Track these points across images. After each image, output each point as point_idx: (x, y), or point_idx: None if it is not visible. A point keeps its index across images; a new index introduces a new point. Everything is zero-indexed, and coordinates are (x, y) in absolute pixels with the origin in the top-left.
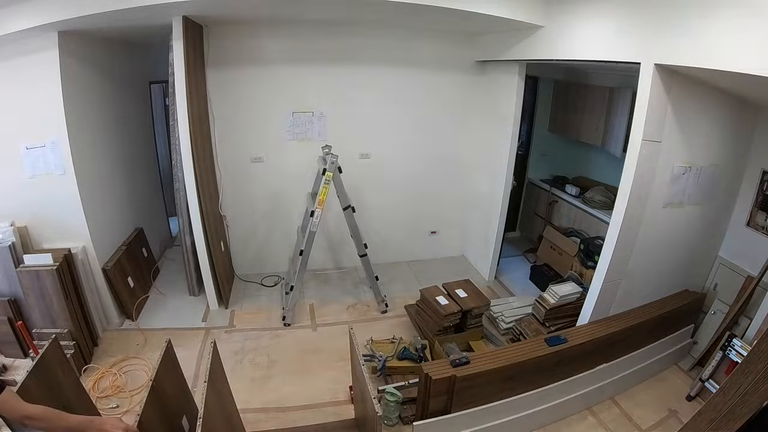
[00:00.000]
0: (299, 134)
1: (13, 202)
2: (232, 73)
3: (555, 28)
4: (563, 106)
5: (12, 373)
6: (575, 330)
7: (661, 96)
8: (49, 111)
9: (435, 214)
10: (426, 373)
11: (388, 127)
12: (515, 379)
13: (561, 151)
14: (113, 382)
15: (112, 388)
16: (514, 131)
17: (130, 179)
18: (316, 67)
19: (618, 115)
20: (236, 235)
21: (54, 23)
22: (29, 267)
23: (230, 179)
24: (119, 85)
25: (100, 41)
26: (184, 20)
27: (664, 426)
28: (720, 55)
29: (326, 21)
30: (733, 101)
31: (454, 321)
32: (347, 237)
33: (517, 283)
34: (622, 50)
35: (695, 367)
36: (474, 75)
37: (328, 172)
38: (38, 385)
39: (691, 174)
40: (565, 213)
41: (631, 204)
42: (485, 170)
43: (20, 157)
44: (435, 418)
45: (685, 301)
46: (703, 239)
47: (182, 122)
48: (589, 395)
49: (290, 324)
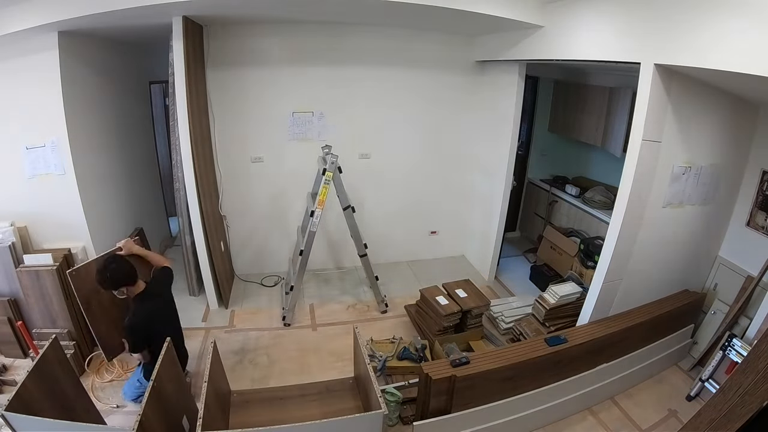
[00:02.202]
0: (299, 134)
1: (13, 202)
2: (232, 73)
3: (555, 28)
4: (563, 106)
5: (12, 373)
6: (575, 330)
7: (661, 96)
8: (49, 111)
9: (435, 214)
10: (426, 373)
11: (388, 127)
12: (515, 379)
13: (561, 151)
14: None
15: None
16: (514, 131)
17: (130, 179)
18: (316, 67)
19: (618, 115)
20: (236, 235)
21: (54, 23)
22: (29, 267)
23: (230, 179)
24: (119, 85)
25: (100, 41)
26: (184, 20)
27: (664, 426)
28: (720, 55)
29: (326, 21)
30: (733, 101)
31: (454, 321)
32: (347, 237)
33: (517, 283)
34: (622, 50)
35: (695, 367)
36: (474, 75)
37: (328, 172)
38: (38, 385)
39: (691, 174)
40: (565, 213)
41: (631, 204)
42: (485, 170)
43: (20, 157)
44: (435, 418)
45: (685, 301)
46: (703, 239)
47: (182, 122)
48: (589, 395)
49: (290, 324)
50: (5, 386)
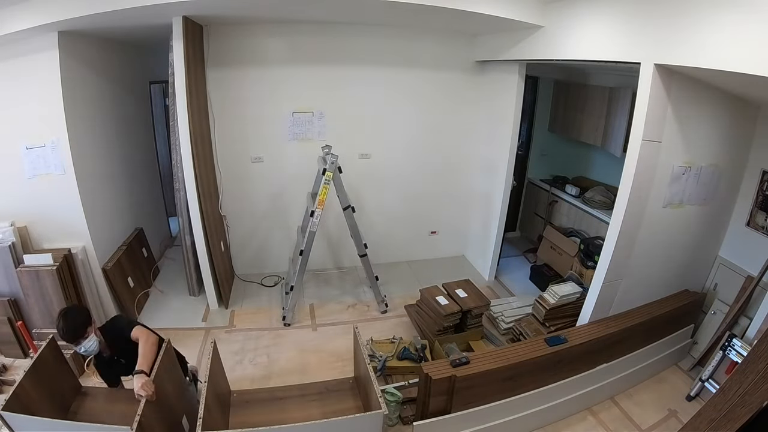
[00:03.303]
0: (299, 134)
1: (13, 202)
2: (232, 73)
3: (555, 28)
4: (563, 106)
5: (12, 373)
6: (575, 330)
7: (661, 96)
8: (49, 111)
9: (435, 214)
10: (426, 373)
11: (389, 127)
12: (515, 379)
13: (561, 151)
14: None
15: None
16: (514, 131)
17: (130, 179)
18: (316, 67)
19: (618, 115)
20: (236, 235)
21: (54, 23)
22: (29, 267)
23: (230, 179)
24: (119, 85)
25: (100, 41)
26: (184, 20)
27: (664, 426)
28: (719, 55)
29: (326, 21)
30: (733, 101)
31: (454, 321)
32: (347, 237)
33: (517, 283)
34: (622, 50)
35: (695, 367)
36: (474, 75)
37: (328, 172)
38: (36, 384)
39: (691, 174)
40: (565, 213)
41: (631, 204)
42: (485, 170)
43: (20, 157)
44: (435, 418)
45: (685, 301)
46: (703, 239)
47: (182, 122)
48: (589, 395)
49: (290, 324)
50: (5, 386)
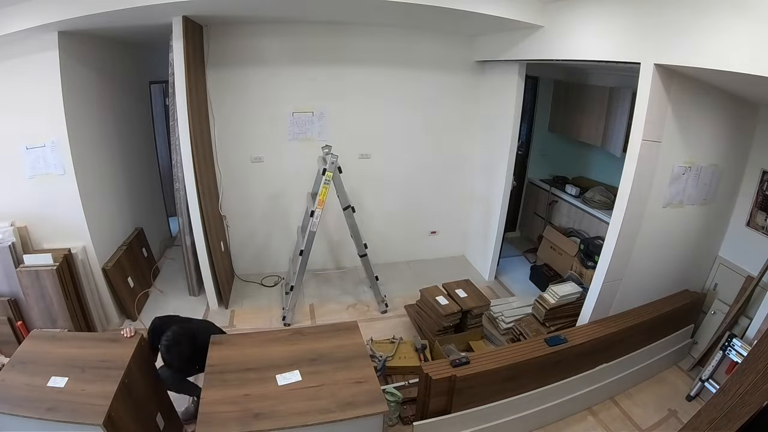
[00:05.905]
0: (299, 134)
1: (13, 202)
2: (232, 73)
3: (555, 28)
4: (563, 106)
5: None
6: (575, 330)
7: (661, 96)
8: (49, 111)
9: (435, 214)
10: (426, 373)
11: (388, 127)
12: (515, 379)
13: (561, 151)
14: None
15: None
16: (514, 131)
17: (130, 179)
18: (316, 67)
19: (618, 115)
20: (236, 235)
21: (54, 23)
22: (29, 267)
23: (230, 179)
24: (119, 85)
25: (100, 41)
26: (184, 20)
27: (664, 426)
28: (719, 55)
29: (326, 21)
30: (733, 101)
31: (454, 321)
32: (347, 237)
33: (517, 283)
34: (622, 50)
35: (695, 367)
36: (474, 75)
37: (328, 172)
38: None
39: (691, 174)
40: (565, 213)
41: (631, 204)
42: (485, 170)
43: (20, 157)
44: (435, 418)
45: (685, 301)
46: (703, 239)
47: (182, 122)
48: (589, 395)
49: (290, 324)
50: None
